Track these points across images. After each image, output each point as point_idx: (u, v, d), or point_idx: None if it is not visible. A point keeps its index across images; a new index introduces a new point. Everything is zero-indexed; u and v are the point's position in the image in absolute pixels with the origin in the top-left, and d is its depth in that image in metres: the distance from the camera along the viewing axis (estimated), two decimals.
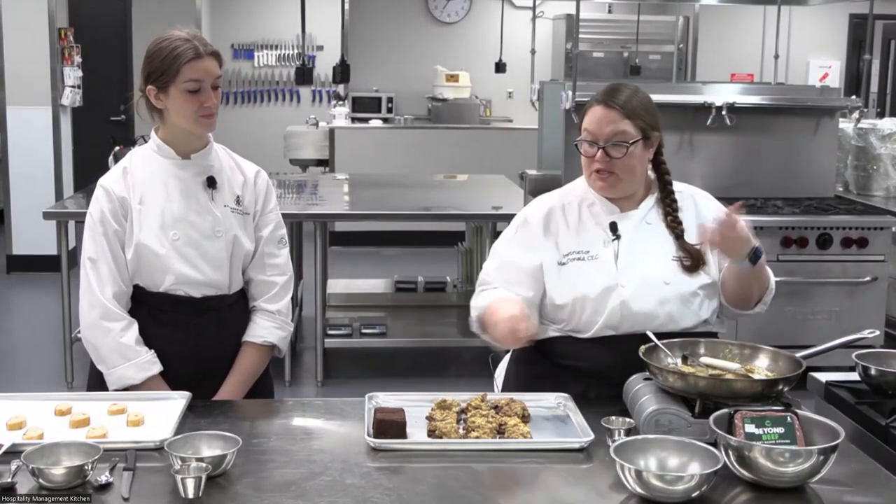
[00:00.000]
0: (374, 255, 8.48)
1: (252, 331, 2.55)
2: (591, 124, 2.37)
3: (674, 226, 2.42)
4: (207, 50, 2.39)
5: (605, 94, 2.39)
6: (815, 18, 10.55)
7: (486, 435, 2.01)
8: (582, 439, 1.99)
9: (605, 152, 2.34)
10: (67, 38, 7.56)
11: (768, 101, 5.44)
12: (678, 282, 2.36)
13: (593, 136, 2.36)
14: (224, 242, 2.47)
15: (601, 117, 2.36)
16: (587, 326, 2.36)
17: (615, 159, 2.34)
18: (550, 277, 2.40)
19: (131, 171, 2.46)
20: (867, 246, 4.99)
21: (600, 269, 2.36)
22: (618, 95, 2.38)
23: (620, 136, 2.34)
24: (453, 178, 7.25)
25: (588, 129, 2.38)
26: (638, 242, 2.39)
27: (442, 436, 2.01)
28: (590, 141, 2.37)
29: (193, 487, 1.73)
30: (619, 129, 2.34)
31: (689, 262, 2.37)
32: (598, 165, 2.36)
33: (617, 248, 2.39)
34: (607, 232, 2.40)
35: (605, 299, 2.33)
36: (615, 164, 2.35)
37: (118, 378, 2.39)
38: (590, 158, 2.37)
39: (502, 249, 2.50)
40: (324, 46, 10.31)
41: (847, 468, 1.89)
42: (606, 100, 2.37)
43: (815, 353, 2.25)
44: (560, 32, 9.85)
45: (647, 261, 2.37)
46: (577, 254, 2.39)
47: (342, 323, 5.53)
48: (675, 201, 2.46)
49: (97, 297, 2.39)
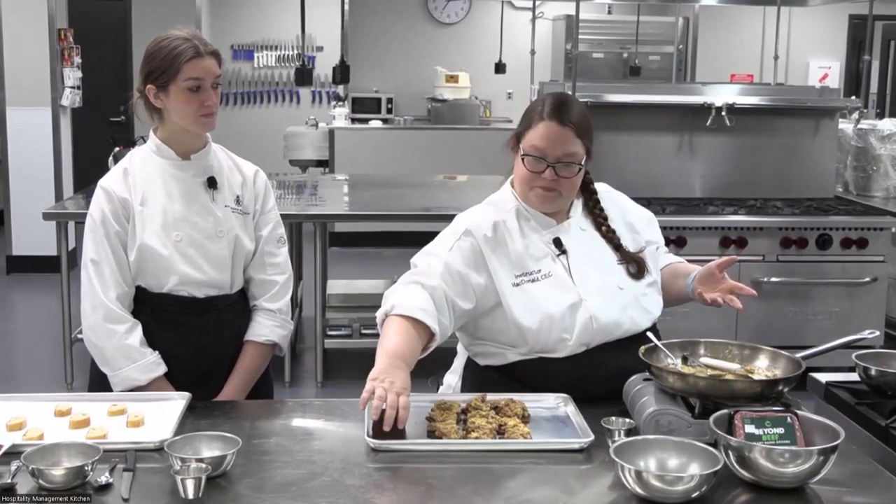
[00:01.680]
0: (374, 255, 8.48)
1: (253, 330, 2.55)
2: (541, 140, 2.26)
3: (609, 236, 2.39)
4: (207, 49, 2.39)
5: (556, 109, 2.28)
6: (814, 19, 10.56)
7: (487, 435, 2.00)
8: (582, 440, 1.98)
9: (554, 171, 2.27)
10: (67, 38, 7.56)
11: (768, 102, 5.45)
12: (630, 285, 2.36)
13: (543, 153, 2.26)
14: (226, 242, 2.47)
15: (553, 135, 2.26)
16: (557, 346, 2.28)
17: (563, 178, 2.28)
18: (509, 299, 2.28)
19: (132, 172, 2.46)
20: (867, 246, 4.99)
21: (558, 286, 2.30)
22: (570, 112, 2.28)
23: (571, 157, 2.27)
24: (453, 178, 7.25)
25: (537, 145, 2.27)
26: (583, 253, 2.35)
27: (442, 436, 2.01)
28: (537, 157, 2.27)
29: (193, 488, 1.73)
30: (570, 149, 2.27)
31: (635, 270, 2.37)
32: (544, 183, 2.28)
33: (567, 263, 2.33)
34: (551, 247, 2.34)
35: (572, 316, 2.27)
36: (561, 183, 2.29)
37: (123, 380, 2.39)
38: (534, 174, 2.29)
39: (443, 253, 2.31)
40: (323, 47, 10.31)
41: (847, 469, 1.89)
42: (559, 117, 2.26)
43: (814, 354, 2.25)
44: (560, 33, 9.86)
45: (599, 270, 2.35)
46: (529, 274, 2.30)
47: (342, 324, 5.53)
48: (603, 209, 2.43)
49: (100, 299, 2.39)
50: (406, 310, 2.19)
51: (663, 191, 5.35)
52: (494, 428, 2.03)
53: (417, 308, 2.20)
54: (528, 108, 2.38)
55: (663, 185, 5.37)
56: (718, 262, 2.35)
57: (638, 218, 2.51)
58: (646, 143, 5.38)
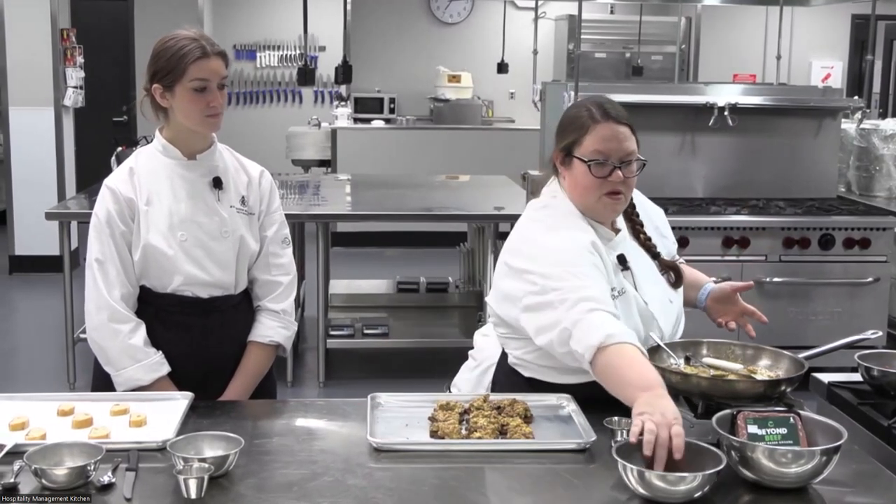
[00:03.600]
0: (376, 255, 8.48)
1: (257, 330, 2.55)
2: (603, 143, 2.19)
3: (649, 245, 2.35)
4: (214, 50, 2.39)
5: (609, 109, 2.23)
6: (817, 19, 10.55)
7: (489, 435, 2.00)
8: (583, 440, 1.98)
9: (621, 172, 2.19)
10: (70, 38, 7.56)
11: (770, 102, 5.44)
12: (675, 297, 2.35)
13: (606, 155, 2.19)
14: (231, 243, 2.47)
15: (616, 135, 2.20)
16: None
17: (628, 178, 2.21)
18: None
19: (137, 172, 2.46)
20: (869, 247, 4.98)
21: (634, 304, 2.21)
22: (620, 111, 2.24)
23: (632, 155, 2.22)
24: (455, 178, 7.25)
25: (600, 149, 2.19)
26: (639, 267, 2.28)
27: (444, 436, 2.01)
28: (603, 161, 2.19)
29: (196, 488, 1.73)
30: (632, 147, 2.22)
31: (674, 279, 2.35)
32: (611, 187, 2.19)
33: (633, 279, 2.25)
34: (618, 263, 2.24)
35: (647, 333, 2.20)
36: (626, 184, 2.21)
37: (127, 379, 2.39)
38: (601, 179, 2.19)
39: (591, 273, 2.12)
40: (326, 47, 10.32)
41: (849, 469, 1.89)
42: (617, 116, 2.22)
43: (817, 354, 2.25)
44: (562, 33, 9.85)
45: (654, 285, 2.30)
46: (614, 290, 2.18)
47: (344, 323, 5.53)
48: (639, 216, 2.38)
49: (105, 299, 2.39)
50: (625, 337, 2.00)
51: (665, 191, 5.34)
52: (497, 428, 2.03)
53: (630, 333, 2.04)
54: (570, 118, 2.28)
55: (665, 185, 5.36)
56: (735, 286, 2.33)
57: (662, 220, 2.47)
58: (648, 143, 5.27)
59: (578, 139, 2.23)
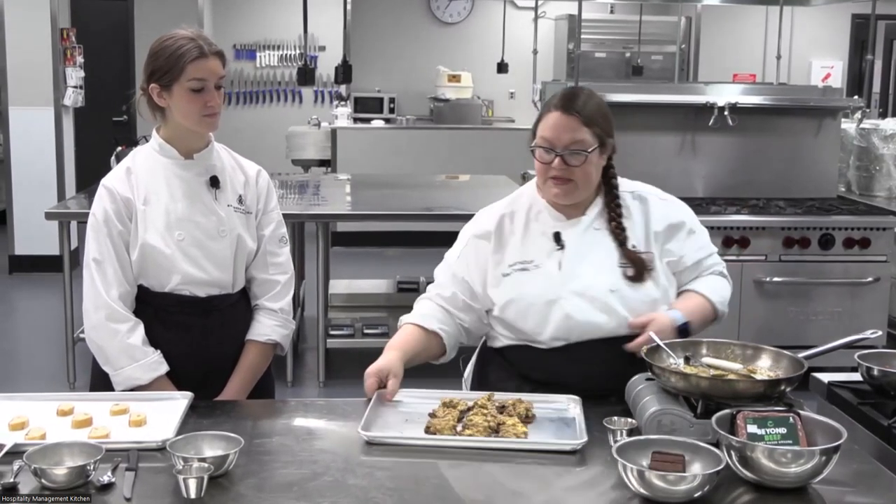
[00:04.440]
0: (376, 255, 8.48)
1: (255, 329, 2.55)
2: (548, 131, 2.33)
3: (617, 232, 2.39)
4: (212, 49, 2.39)
5: (563, 99, 2.34)
6: (817, 19, 10.55)
7: (480, 433, 2.01)
8: (574, 442, 1.98)
9: (563, 160, 2.31)
10: (70, 38, 7.56)
11: (770, 102, 5.44)
12: (625, 289, 2.34)
13: (550, 143, 2.32)
14: (228, 242, 2.47)
15: (559, 124, 2.31)
16: (535, 336, 2.34)
17: (573, 167, 2.31)
18: (493, 290, 2.38)
19: (135, 171, 2.46)
20: (869, 246, 4.99)
21: (543, 279, 2.35)
22: (575, 101, 2.33)
23: (579, 145, 2.31)
24: (455, 178, 7.25)
25: (545, 136, 2.33)
26: (582, 251, 2.37)
27: (436, 432, 2.02)
28: (547, 147, 2.33)
29: (195, 488, 1.73)
30: (577, 137, 2.31)
31: (633, 272, 2.35)
32: (554, 172, 2.33)
33: (561, 258, 2.36)
34: (551, 241, 2.38)
35: (548, 311, 2.32)
36: (573, 172, 2.32)
37: (125, 379, 2.39)
38: (546, 165, 2.34)
39: (452, 261, 2.47)
40: (326, 47, 10.32)
41: (849, 469, 1.88)
42: (565, 106, 2.32)
43: (817, 354, 2.25)
44: (562, 33, 9.85)
45: (592, 269, 2.35)
46: (522, 264, 2.37)
47: (344, 323, 5.53)
48: (620, 206, 2.42)
49: (103, 299, 2.39)
50: (410, 319, 2.44)
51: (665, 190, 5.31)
52: (492, 426, 2.03)
53: (419, 315, 2.43)
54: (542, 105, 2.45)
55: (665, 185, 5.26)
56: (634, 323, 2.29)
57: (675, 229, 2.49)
58: (648, 143, 5.38)
59: (535, 125, 2.39)
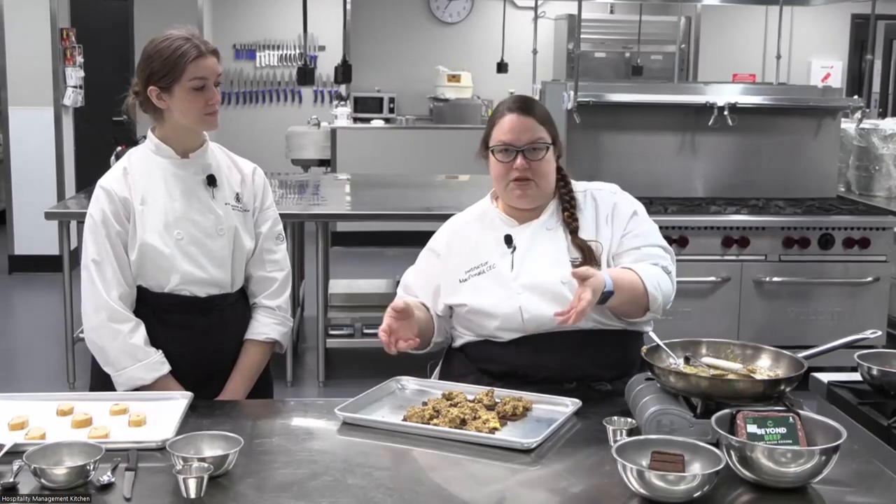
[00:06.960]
0: (376, 255, 8.48)
1: (254, 328, 2.56)
2: (506, 133, 2.41)
3: (569, 221, 2.45)
4: (208, 48, 2.41)
5: (517, 103, 2.45)
6: (817, 19, 10.55)
7: (446, 424, 2.05)
8: (524, 441, 1.97)
9: (525, 158, 2.38)
10: (69, 38, 7.56)
11: (770, 102, 5.44)
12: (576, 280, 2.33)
13: (511, 143, 2.40)
14: (227, 240, 2.47)
15: (517, 125, 2.40)
16: (494, 333, 2.41)
17: (534, 164, 2.39)
18: (455, 293, 2.45)
19: (131, 172, 2.46)
20: (869, 246, 4.99)
21: (497, 278, 2.42)
22: (530, 104, 2.46)
23: (539, 141, 2.40)
24: (455, 178, 7.24)
25: (503, 139, 2.41)
26: (534, 248, 2.44)
27: (406, 419, 2.09)
28: (507, 149, 2.40)
29: (195, 487, 1.73)
30: (536, 135, 2.40)
31: (580, 261, 2.39)
32: (516, 174, 2.39)
33: (513, 258, 2.44)
34: (502, 244, 2.45)
35: (504, 308, 2.39)
36: (535, 171, 2.40)
37: (128, 379, 2.39)
38: (507, 166, 2.40)
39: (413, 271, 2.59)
40: (325, 46, 10.31)
41: (849, 469, 1.89)
42: (521, 108, 2.43)
43: (817, 354, 2.25)
44: (562, 32, 9.85)
45: (542, 264, 2.41)
46: (477, 268, 2.45)
47: (344, 323, 5.53)
48: (574, 199, 2.48)
49: (103, 300, 2.39)
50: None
51: (665, 191, 5.35)
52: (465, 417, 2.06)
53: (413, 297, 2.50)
54: (490, 116, 2.52)
55: (665, 185, 5.36)
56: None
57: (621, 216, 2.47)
58: (648, 143, 5.38)
59: (490, 132, 2.46)
